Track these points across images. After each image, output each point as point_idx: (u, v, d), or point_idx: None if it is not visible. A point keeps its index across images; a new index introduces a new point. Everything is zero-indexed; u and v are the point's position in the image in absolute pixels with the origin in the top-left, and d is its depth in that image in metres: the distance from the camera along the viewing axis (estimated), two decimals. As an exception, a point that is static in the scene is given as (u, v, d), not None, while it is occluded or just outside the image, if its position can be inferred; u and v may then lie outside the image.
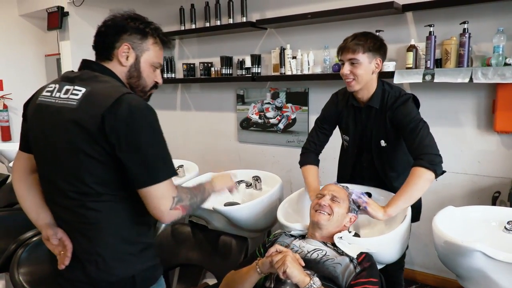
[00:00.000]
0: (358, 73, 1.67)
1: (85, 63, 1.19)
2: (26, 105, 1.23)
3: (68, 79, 1.15)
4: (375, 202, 1.59)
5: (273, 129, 3.25)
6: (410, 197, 1.57)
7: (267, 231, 2.17)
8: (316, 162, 1.93)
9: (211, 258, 1.87)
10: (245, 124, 3.41)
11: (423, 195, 1.98)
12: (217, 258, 1.85)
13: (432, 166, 1.56)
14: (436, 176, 1.58)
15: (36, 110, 1.17)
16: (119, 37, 1.16)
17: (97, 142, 1.04)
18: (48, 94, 1.15)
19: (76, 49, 3.89)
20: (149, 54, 1.20)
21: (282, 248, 1.29)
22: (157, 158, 1.07)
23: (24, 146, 1.24)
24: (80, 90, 1.09)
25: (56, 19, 3.78)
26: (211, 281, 1.95)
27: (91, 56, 1.23)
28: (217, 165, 3.26)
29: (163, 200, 1.07)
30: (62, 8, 3.78)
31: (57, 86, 1.15)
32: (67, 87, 1.12)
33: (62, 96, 1.11)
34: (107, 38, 1.16)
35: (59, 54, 4.05)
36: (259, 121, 3.32)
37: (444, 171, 1.63)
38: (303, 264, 1.27)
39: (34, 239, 2.08)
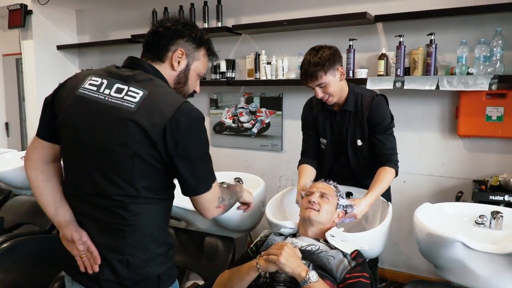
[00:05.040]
0: (330, 91, 1.78)
1: (135, 61, 1.17)
2: (55, 92, 1.17)
3: (119, 76, 1.12)
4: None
5: (247, 133, 3.29)
6: (380, 192, 1.76)
7: (250, 232, 2.20)
8: (309, 162, 2.00)
9: (197, 260, 1.86)
10: (219, 128, 3.42)
11: (391, 195, 2.11)
12: (203, 259, 1.84)
13: (396, 165, 1.81)
14: (396, 174, 1.82)
15: (77, 101, 1.12)
16: (175, 41, 1.17)
17: (157, 149, 1.05)
18: (93, 88, 1.11)
19: (40, 49, 3.74)
20: (199, 64, 1.23)
21: (283, 243, 1.32)
22: (208, 168, 1.15)
23: (46, 135, 1.18)
24: (138, 93, 1.08)
25: (19, 17, 3.62)
26: (197, 282, 1.94)
27: (55, 55, 1.23)
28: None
29: (212, 202, 1.18)
30: (26, 6, 3.63)
31: (105, 82, 1.12)
32: (119, 85, 1.10)
33: (114, 94, 1.09)
34: (163, 40, 1.16)
35: (20, 53, 3.87)
36: (233, 125, 3.35)
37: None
38: (300, 255, 1.32)
39: (5, 245, 1.97)
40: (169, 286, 1.23)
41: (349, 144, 1.92)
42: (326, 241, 1.49)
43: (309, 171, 1.95)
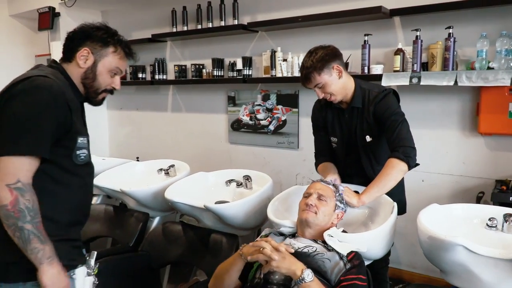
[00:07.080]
0: (329, 90, 1.76)
1: (48, 62, 1.36)
2: None
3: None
4: (351, 190, 1.66)
5: (264, 130, 3.29)
6: (383, 186, 1.65)
7: (257, 230, 2.20)
8: (328, 160, 1.98)
9: (201, 256, 1.89)
10: (236, 125, 3.44)
11: (409, 195, 2.05)
12: (207, 255, 1.87)
13: (406, 158, 1.65)
14: (409, 168, 1.66)
15: None
16: (82, 42, 1.29)
17: None
18: None
19: (67, 49, 3.89)
20: (108, 60, 1.32)
21: (272, 241, 1.32)
22: (21, 131, 1.09)
23: None
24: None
25: (48, 20, 3.79)
26: (202, 278, 1.97)
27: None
28: (207, 166, 3.28)
29: (4, 174, 1.06)
30: (54, 8, 3.80)
31: None
32: None
33: None
34: (71, 42, 1.30)
35: (50, 54, 4.05)
36: (250, 122, 3.36)
37: (417, 164, 1.71)
38: (291, 251, 1.31)
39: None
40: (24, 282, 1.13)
41: (359, 141, 1.88)
42: (324, 242, 1.47)
43: (332, 167, 1.93)
